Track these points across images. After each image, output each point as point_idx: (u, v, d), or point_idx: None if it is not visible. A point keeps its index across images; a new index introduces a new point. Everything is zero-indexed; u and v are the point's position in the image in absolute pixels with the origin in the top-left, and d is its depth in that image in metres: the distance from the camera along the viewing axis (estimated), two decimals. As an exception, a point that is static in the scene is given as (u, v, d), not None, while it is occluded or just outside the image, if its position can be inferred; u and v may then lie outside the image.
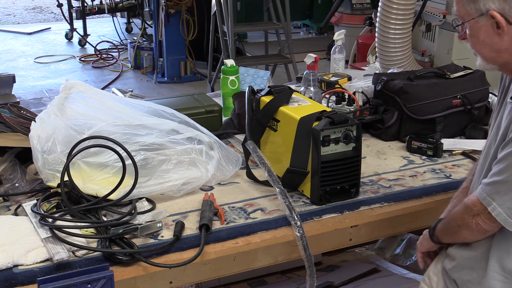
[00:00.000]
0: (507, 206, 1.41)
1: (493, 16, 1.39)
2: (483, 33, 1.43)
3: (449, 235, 1.59)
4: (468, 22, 1.44)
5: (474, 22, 1.43)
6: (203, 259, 1.59)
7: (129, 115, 1.92)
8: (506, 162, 1.41)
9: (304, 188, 1.86)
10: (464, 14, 1.45)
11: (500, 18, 1.38)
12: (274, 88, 2.03)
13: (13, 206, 1.78)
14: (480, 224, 1.46)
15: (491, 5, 1.39)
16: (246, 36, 8.09)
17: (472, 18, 1.43)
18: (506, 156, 1.41)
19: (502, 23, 1.38)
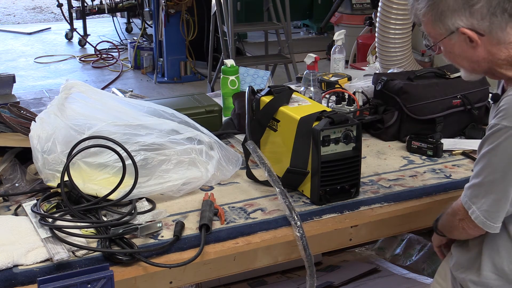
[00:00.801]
0: (484, 209, 1.43)
1: (463, 32, 1.40)
2: (458, 49, 1.45)
3: (445, 231, 1.65)
4: (441, 41, 1.46)
5: (446, 40, 1.45)
6: (203, 259, 1.59)
7: (129, 115, 1.92)
8: (482, 164, 1.42)
9: (304, 188, 1.86)
10: (435, 34, 1.47)
11: (471, 33, 1.40)
12: (274, 88, 2.03)
13: (13, 206, 1.78)
14: (465, 228, 1.49)
15: (459, 23, 1.40)
16: (246, 36, 8.10)
17: (443, 37, 1.44)
18: (481, 158, 1.42)
19: (474, 37, 1.40)
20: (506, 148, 1.37)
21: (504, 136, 1.36)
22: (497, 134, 1.37)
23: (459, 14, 1.39)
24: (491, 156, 1.39)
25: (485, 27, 1.39)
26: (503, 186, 1.40)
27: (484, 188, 1.42)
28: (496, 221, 1.43)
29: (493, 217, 1.43)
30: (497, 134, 1.37)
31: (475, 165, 1.46)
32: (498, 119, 1.37)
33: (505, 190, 1.40)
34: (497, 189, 1.41)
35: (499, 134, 1.37)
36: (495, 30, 1.39)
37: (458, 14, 1.39)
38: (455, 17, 1.40)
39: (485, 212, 1.42)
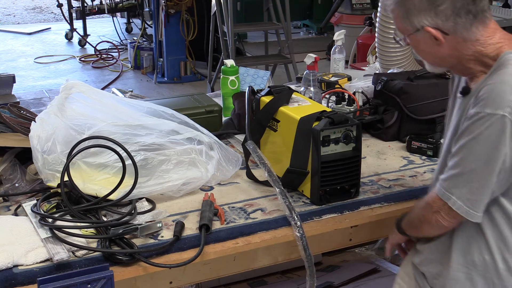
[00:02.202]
0: (466, 198, 1.43)
1: (428, 31, 1.45)
2: (423, 45, 1.50)
3: (412, 228, 1.64)
4: (408, 36, 1.51)
5: (413, 36, 1.49)
6: (203, 259, 1.59)
7: (129, 116, 1.92)
8: (461, 154, 1.43)
9: (304, 188, 1.86)
10: (403, 29, 1.52)
11: (435, 32, 1.44)
12: (274, 88, 2.03)
13: (13, 206, 1.78)
14: (440, 220, 1.49)
15: (425, 22, 1.44)
16: (246, 36, 8.10)
17: (410, 33, 1.49)
18: (461, 149, 1.43)
19: (438, 36, 1.44)
20: (489, 135, 1.38)
21: (487, 123, 1.37)
22: (478, 122, 1.38)
23: (424, 14, 1.43)
24: (473, 145, 1.40)
25: (450, 27, 1.43)
26: (485, 174, 1.40)
27: (465, 178, 1.43)
28: (479, 210, 1.44)
29: (476, 206, 1.43)
30: (479, 122, 1.38)
31: (452, 157, 1.46)
32: (479, 107, 1.39)
33: (487, 178, 1.41)
34: (479, 177, 1.41)
35: (481, 122, 1.38)
36: (460, 30, 1.43)
37: (424, 14, 1.44)
38: (420, 16, 1.44)
39: (468, 201, 1.43)
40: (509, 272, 1.49)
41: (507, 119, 1.35)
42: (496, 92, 1.37)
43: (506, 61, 1.41)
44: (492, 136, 1.37)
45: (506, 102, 1.35)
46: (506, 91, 1.36)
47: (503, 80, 1.38)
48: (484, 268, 1.51)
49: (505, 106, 1.35)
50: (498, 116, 1.35)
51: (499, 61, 1.42)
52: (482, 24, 1.44)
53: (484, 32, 1.45)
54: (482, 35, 1.45)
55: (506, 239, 1.48)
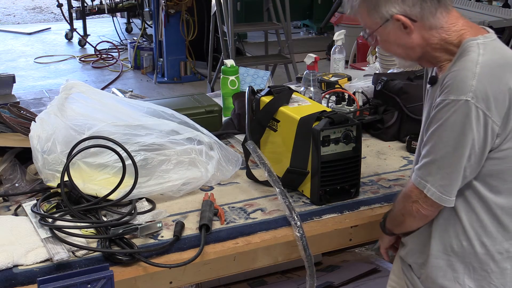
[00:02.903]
0: (439, 184, 1.46)
1: (397, 19, 1.47)
2: (393, 36, 1.52)
3: (396, 225, 1.65)
4: (377, 30, 1.52)
5: (382, 28, 1.51)
6: (203, 259, 1.59)
7: (129, 116, 1.92)
8: (432, 142, 1.46)
9: (304, 188, 1.86)
10: (371, 24, 1.54)
11: (405, 19, 1.47)
12: (274, 88, 2.03)
13: (13, 206, 1.78)
14: (420, 210, 1.51)
15: (393, 10, 1.47)
16: (246, 36, 8.10)
17: (379, 26, 1.51)
18: (430, 136, 1.46)
19: (407, 23, 1.47)
20: (455, 120, 1.41)
21: (452, 110, 1.41)
22: (444, 109, 1.42)
23: (392, 2, 1.47)
24: (441, 132, 1.43)
25: (417, 12, 1.46)
26: (455, 159, 1.43)
27: (437, 165, 1.46)
28: (451, 194, 1.47)
29: (448, 191, 1.46)
30: (445, 109, 1.42)
31: (424, 146, 1.49)
32: (444, 95, 1.42)
33: (457, 163, 1.44)
34: (449, 163, 1.44)
35: (447, 109, 1.41)
36: (426, 15, 1.47)
37: (391, 2, 1.47)
38: (388, 5, 1.47)
39: (440, 187, 1.46)
40: (487, 255, 1.52)
41: (470, 104, 1.39)
42: (459, 79, 1.41)
43: (467, 47, 1.45)
44: (457, 122, 1.41)
45: (468, 87, 1.39)
46: (468, 76, 1.40)
47: (465, 66, 1.42)
48: (463, 254, 1.54)
49: (468, 91, 1.39)
50: (462, 101, 1.39)
51: (461, 48, 1.46)
52: (446, 10, 1.48)
53: (448, 18, 1.49)
54: (446, 21, 1.49)
55: (482, 222, 1.51)
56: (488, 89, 1.40)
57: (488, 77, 1.41)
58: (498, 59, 1.45)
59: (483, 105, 1.39)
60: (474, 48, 1.44)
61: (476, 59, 1.42)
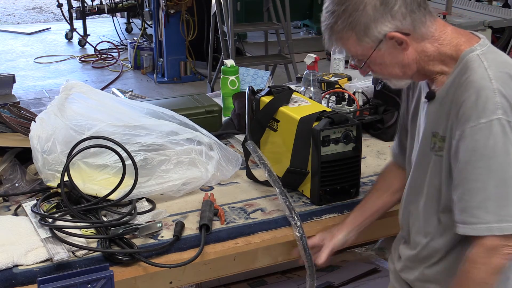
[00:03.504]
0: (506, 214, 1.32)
1: (391, 37, 1.39)
2: (388, 56, 1.43)
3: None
4: (371, 55, 1.43)
5: (376, 52, 1.42)
6: (203, 259, 1.59)
7: (128, 117, 1.92)
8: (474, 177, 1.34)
9: (304, 188, 1.86)
10: (363, 51, 1.44)
11: (399, 35, 1.39)
12: (274, 88, 2.03)
13: (13, 206, 1.78)
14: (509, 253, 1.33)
15: (385, 29, 1.39)
16: (246, 36, 8.09)
17: (373, 49, 1.42)
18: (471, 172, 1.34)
19: (402, 38, 1.39)
20: (495, 143, 1.31)
21: (487, 133, 1.31)
22: (477, 135, 1.32)
23: (382, 21, 1.38)
24: (485, 161, 1.32)
25: (408, 25, 1.40)
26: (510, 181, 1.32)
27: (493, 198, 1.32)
28: None
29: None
30: (479, 135, 1.32)
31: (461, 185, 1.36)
32: (472, 121, 1.32)
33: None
34: (506, 188, 1.32)
35: (481, 134, 1.32)
36: (418, 26, 1.40)
37: (382, 21, 1.38)
38: (379, 25, 1.39)
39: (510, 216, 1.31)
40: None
41: (503, 121, 1.31)
42: (483, 99, 1.32)
43: (468, 62, 1.39)
44: (498, 144, 1.31)
45: (494, 105, 1.31)
46: (489, 95, 1.32)
47: (481, 85, 1.34)
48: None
49: (495, 109, 1.31)
50: (494, 121, 1.31)
51: (461, 62, 1.40)
52: (432, 16, 1.43)
53: (436, 26, 1.43)
54: (436, 29, 1.43)
55: None
56: (511, 100, 1.33)
57: (506, 89, 1.33)
58: (504, 67, 1.38)
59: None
60: (477, 62, 1.37)
61: (487, 75, 1.35)
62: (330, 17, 1.44)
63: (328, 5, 1.45)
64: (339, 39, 1.44)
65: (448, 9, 3.70)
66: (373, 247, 2.96)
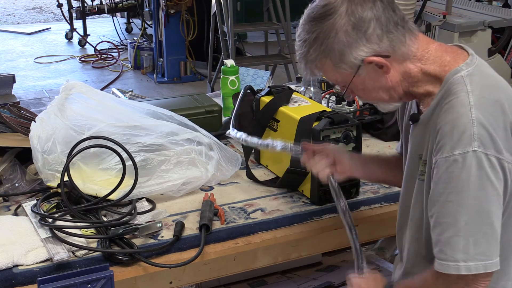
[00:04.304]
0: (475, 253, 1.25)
1: (370, 61, 1.32)
2: (370, 81, 1.36)
3: None
4: (350, 82, 1.36)
5: (356, 78, 1.35)
6: (203, 259, 1.59)
7: (128, 117, 1.93)
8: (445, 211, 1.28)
9: (304, 188, 1.86)
10: (342, 78, 1.37)
11: (378, 59, 1.32)
12: (274, 88, 2.03)
13: (13, 206, 1.78)
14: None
15: (361, 54, 1.32)
16: (246, 36, 8.10)
17: (353, 76, 1.35)
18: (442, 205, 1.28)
19: (381, 62, 1.32)
20: (468, 177, 1.24)
21: (460, 166, 1.24)
22: (451, 167, 1.25)
23: (357, 46, 1.31)
24: (456, 195, 1.26)
25: (387, 46, 1.32)
26: (483, 218, 1.25)
27: (463, 235, 1.25)
28: (495, 255, 1.27)
29: (489, 255, 1.26)
30: (452, 167, 1.25)
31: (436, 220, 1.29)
32: (446, 151, 1.26)
33: (486, 222, 1.26)
34: (478, 226, 1.25)
35: (454, 167, 1.25)
36: (397, 46, 1.33)
37: (356, 46, 1.31)
38: (354, 51, 1.31)
39: (479, 255, 1.25)
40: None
41: (479, 153, 1.24)
42: (459, 130, 1.25)
43: (452, 85, 1.31)
44: (472, 178, 1.24)
45: (470, 136, 1.24)
46: (467, 124, 1.25)
47: (459, 113, 1.26)
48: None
49: (472, 141, 1.24)
50: (469, 153, 1.24)
51: (445, 85, 1.33)
52: (413, 35, 1.35)
53: (418, 45, 1.35)
54: (417, 48, 1.35)
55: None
56: (491, 130, 1.25)
57: (487, 117, 1.25)
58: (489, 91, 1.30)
59: (492, 150, 1.24)
60: (461, 86, 1.29)
61: (467, 101, 1.26)
62: (302, 46, 1.37)
63: (300, 33, 1.39)
64: (315, 67, 1.38)
65: (448, 9, 3.70)
66: (373, 247, 2.95)
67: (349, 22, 1.31)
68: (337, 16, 1.31)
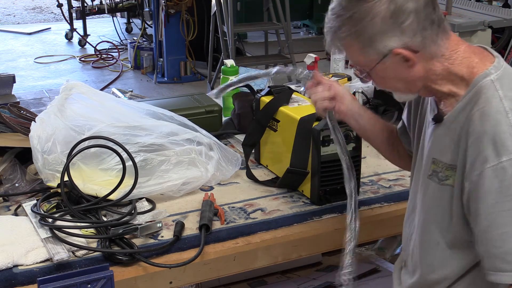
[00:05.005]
0: None
1: (397, 53, 1.30)
2: (392, 71, 1.34)
3: None
4: (373, 67, 1.34)
5: (379, 65, 1.33)
6: (203, 259, 1.59)
7: (128, 117, 1.93)
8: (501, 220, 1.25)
9: (304, 188, 1.86)
10: (366, 62, 1.35)
11: (406, 52, 1.30)
12: (274, 88, 2.03)
13: (13, 206, 1.78)
14: None
15: (392, 44, 1.29)
16: (246, 36, 8.09)
17: (376, 63, 1.33)
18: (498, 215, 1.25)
19: (409, 56, 1.30)
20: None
21: (510, 171, 1.22)
22: (501, 175, 1.23)
23: (390, 35, 1.28)
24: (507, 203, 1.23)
25: (418, 42, 1.30)
26: None
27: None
28: None
29: None
30: (502, 174, 1.23)
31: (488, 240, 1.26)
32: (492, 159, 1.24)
33: None
34: None
35: (503, 173, 1.23)
36: (429, 44, 1.31)
37: (389, 35, 1.29)
38: (386, 40, 1.29)
39: None
40: None
41: None
42: (501, 137, 1.24)
43: (482, 89, 1.29)
44: None
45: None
46: (508, 131, 1.24)
47: (497, 120, 1.25)
48: None
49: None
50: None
51: (474, 88, 1.31)
52: (446, 35, 1.33)
53: (448, 45, 1.34)
54: (447, 48, 1.33)
55: None
56: None
57: None
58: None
59: None
60: (492, 91, 1.28)
61: (502, 108, 1.25)
62: (335, 20, 1.33)
63: (334, 6, 1.34)
64: (342, 45, 1.36)
65: (448, 9, 3.70)
66: (373, 247, 2.95)
67: (389, 10, 1.27)
68: (378, 1, 1.27)
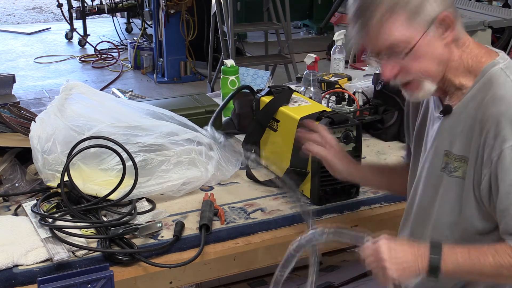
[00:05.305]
0: None
1: (442, 18, 1.27)
2: (431, 47, 1.29)
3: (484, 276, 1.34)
4: (417, 43, 1.27)
5: (422, 40, 1.27)
6: (203, 259, 1.59)
7: (128, 117, 1.93)
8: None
9: (304, 188, 1.86)
10: (411, 34, 1.27)
11: (450, 16, 1.27)
12: (274, 88, 2.03)
13: (13, 206, 1.78)
14: None
15: (435, 9, 1.26)
16: (246, 36, 8.09)
17: (423, 33, 1.27)
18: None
19: (452, 21, 1.27)
20: None
21: None
22: None
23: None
24: None
25: (454, 11, 1.28)
26: None
27: None
28: None
29: None
30: None
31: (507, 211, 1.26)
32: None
33: None
34: None
35: None
36: (458, 17, 1.29)
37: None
38: (433, 3, 1.25)
39: None
40: None
41: None
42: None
43: (493, 76, 1.30)
44: None
45: None
46: None
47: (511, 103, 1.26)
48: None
49: None
50: None
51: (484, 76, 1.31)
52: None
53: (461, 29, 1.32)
54: (464, 34, 1.33)
55: None
56: None
57: None
58: None
59: None
60: (503, 77, 1.29)
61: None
62: (368, 8, 1.26)
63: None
64: (382, 22, 1.26)
65: (448, 9, 3.72)
66: (373, 247, 2.95)
67: None
68: None
